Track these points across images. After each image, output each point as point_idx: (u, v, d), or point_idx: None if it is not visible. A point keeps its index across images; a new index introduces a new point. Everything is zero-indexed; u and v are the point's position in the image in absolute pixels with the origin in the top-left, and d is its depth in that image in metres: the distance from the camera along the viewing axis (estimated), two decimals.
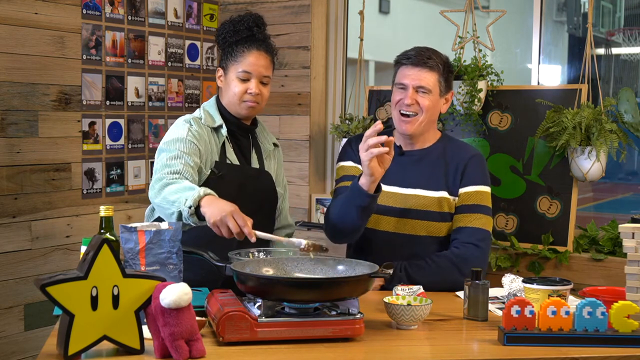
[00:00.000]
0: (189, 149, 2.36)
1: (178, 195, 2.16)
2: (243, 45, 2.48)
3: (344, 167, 2.63)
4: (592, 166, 3.08)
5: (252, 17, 2.53)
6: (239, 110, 2.49)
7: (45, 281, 1.64)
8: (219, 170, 2.43)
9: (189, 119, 2.46)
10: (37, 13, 3.31)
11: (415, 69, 2.49)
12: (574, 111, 3.12)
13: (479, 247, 2.44)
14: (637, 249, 1.95)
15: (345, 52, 4.08)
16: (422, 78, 2.48)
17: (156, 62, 3.85)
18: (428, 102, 2.49)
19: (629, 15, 6.52)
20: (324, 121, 4.03)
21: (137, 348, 1.72)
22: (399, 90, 2.52)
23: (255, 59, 2.46)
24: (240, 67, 2.46)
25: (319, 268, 2.06)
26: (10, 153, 3.24)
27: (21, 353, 3.32)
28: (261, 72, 2.47)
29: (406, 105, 2.48)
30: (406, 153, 2.57)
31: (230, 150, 2.50)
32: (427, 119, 2.51)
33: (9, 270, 3.26)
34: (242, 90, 2.46)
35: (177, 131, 2.42)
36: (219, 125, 2.48)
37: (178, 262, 1.99)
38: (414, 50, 2.54)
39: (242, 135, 2.56)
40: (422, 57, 2.50)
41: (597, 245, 3.21)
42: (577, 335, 1.85)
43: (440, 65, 2.51)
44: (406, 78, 2.50)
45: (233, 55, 2.48)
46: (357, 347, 1.84)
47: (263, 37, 2.52)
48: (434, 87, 2.50)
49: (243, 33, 2.49)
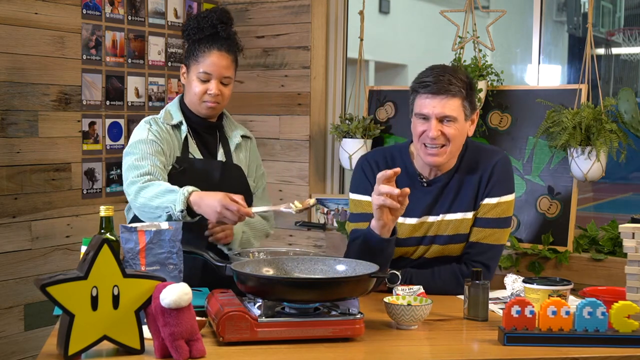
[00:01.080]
0: (152, 149, 2.37)
1: (160, 200, 2.19)
2: (205, 44, 2.43)
3: (358, 203, 2.44)
4: (592, 166, 3.08)
5: (217, 14, 2.47)
6: (199, 110, 2.47)
7: (45, 281, 1.64)
8: (180, 165, 2.42)
9: (149, 120, 2.46)
10: (37, 13, 3.32)
11: (436, 98, 2.27)
12: (574, 111, 3.12)
13: (487, 266, 2.35)
14: (637, 249, 1.95)
15: (345, 52, 4.08)
16: (445, 107, 2.27)
17: (156, 62, 3.85)
18: (454, 131, 2.29)
19: (629, 15, 6.53)
20: (324, 121, 4.03)
21: (137, 348, 1.72)
22: (421, 120, 2.31)
23: (216, 59, 2.42)
24: (201, 68, 2.42)
25: (319, 268, 2.06)
26: (10, 153, 3.24)
27: (21, 353, 3.32)
28: (221, 72, 2.43)
29: (431, 139, 2.28)
30: (432, 182, 2.40)
31: (193, 147, 2.48)
32: (455, 147, 2.33)
33: (9, 270, 3.26)
34: (202, 90, 2.42)
35: (139, 133, 2.42)
36: (179, 122, 2.47)
37: (178, 262, 1.99)
38: (432, 76, 2.29)
39: (206, 131, 2.52)
40: (442, 84, 2.26)
41: (597, 245, 3.21)
42: (577, 336, 1.85)
43: (462, 90, 2.28)
44: (426, 108, 2.28)
45: (195, 54, 2.45)
46: (357, 347, 1.84)
47: (227, 35, 2.47)
48: (459, 114, 2.29)
49: (207, 31, 2.45)
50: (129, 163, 2.35)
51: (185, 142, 2.46)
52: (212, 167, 2.47)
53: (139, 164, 2.32)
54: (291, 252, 2.40)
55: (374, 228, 2.19)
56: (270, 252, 2.34)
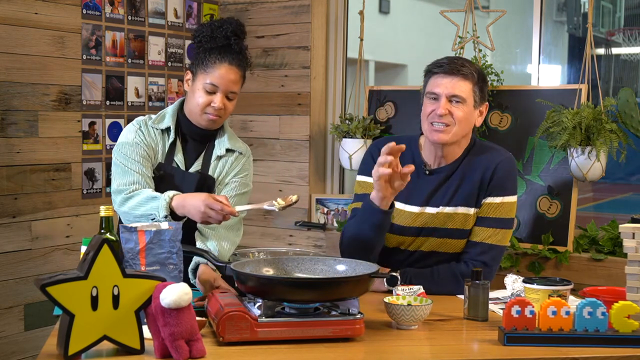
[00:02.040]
0: (137, 153, 2.37)
1: (144, 207, 2.25)
2: (216, 55, 2.37)
3: (363, 184, 2.49)
4: (592, 166, 3.08)
5: (232, 26, 2.41)
6: (199, 120, 2.41)
7: (45, 281, 1.64)
8: (159, 171, 2.40)
9: (139, 121, 2.44)
10: (37, 13, 3.31)
11: (448, 77, 2.35)
12: (574, 111, 3.12)
13: (489, 265, 2.36)
14: (637, 249, 1.95)
15: (345, 52, 4.08)
16: (455, 87, 2.34)
17: (156, 62, 3.85)
18: (462, 114, 2.34)
19: (629, 15, 6.53)
20: (324, 121, 4.03)
21: (137, 348, 1.72)
22: (431, 100, 2.38)
23: (225, 73, 2.36)
24: (208, 79, 2.36)
25: (319, 268, 2.06)
26: (10, 153, 3.24)
27: (21, 353, 3.31)
28: (229, 87, 2.37)
29: (438, 117, 2.34)
30: (434, 172, 2.44)
31: (179, 155, 2.44)
32: (461, 130, 2.37)
33: (9, 270, 3.26)
34: (206, 102, 2.37)
35: (125, 134, 2.42)
36: (167, 127, 2.42)
37: (178, 262, 1.99)
38: (447, 58, 2.41)
39: (196, 139, 2.47)
40: (456, 65, 2.36)
41: (597, 245, 3.21)
42: (577, 336, 1.85)
43: (475, 74, 2.38)
44: (438, 87, 2.36)
45: (204, 64, 2.38)
46: (357, 347, 1.84)
47: (239, 48, 2.41)
48: (468, 97, 2.36)
49: (219, 41, 2.38)
50: (118, 167, 2.36)
51: (172, 148, 2.42)
52: (189, 178, 2.41)
53: (127, 170, 2.34)
54: (291, 252, 2.40)
55: (373, 199, 2.25)
56: (270, 252, 2.35)
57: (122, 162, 2.36)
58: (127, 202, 2.29)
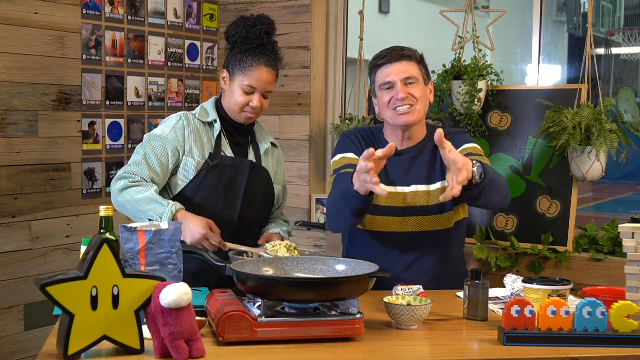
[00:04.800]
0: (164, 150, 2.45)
1: (148, 207, 2.34)
2: (253, 57, 2.49)
3: (342, 159, 2.53)
4: (592, 166, 3.08)
5: (265, 25, 2.54)
6: (237, 118, 2.55)
7: (45, 281, 1.64)
8: (212, 161, 2.50)
9: (181, 115, 2.54)
10: (37, 13, 3.32)
11: (395, 64, 2.46)
12: (574, 111, 3.12)
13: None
14: (637, 249, 1.95)
15: (345, 52, 4.08)
16: (405, 70, 2.45)
17: (156, 62, 3.85)
18: (420, 91, 2.45)
19: (629, 15, 6.52)
20: (324, 121, 4.03)
21: (137, 348, 1.72)
22: (387, 91, 2.47)
23: (261, 75, 2.49)
24: (247, 81, 2.48)
25: (319, 268, 2.06)
26: (10, 153, 3.24)
27: (21, 353, 3.32)
28: (266, 87, 2.51)
29: (401, 100, 2.43)
30: (402, 152, 2.52)
31: (226, 145, 2.55)
32: (424, 107, 2.48)
33: (9, 270, 3.26)
34: (245, 102, 2.50)
35: (164, 126, 2.52)
36: (213, 120, 2.54)
37: (178, 262, 1.99)
38: (385, 50, 2.52)
39: (239, 133, 2.60)
40: (397, 51, 2.48)
41: (597, 245, 3.21)
42: (577, 335, 1.85)
43: (417, 54, 2.51)
44: (390, 75, 2.45)
45: (241, 65, 2.49)
46: (357, 347, 1.84)
47: (272, 48, 2.54)
48: (418, 76, 2.47)
49: (254, 42, 2.51)
50: (139, 156, 2.45)
51: (219, 140, 2.53)
52: (243, 165, 2.55)
53: (143, 162, 2.43)
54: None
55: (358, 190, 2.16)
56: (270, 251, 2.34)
57: (145, 151, 2.45)
58: (127, 190, 2.38)
